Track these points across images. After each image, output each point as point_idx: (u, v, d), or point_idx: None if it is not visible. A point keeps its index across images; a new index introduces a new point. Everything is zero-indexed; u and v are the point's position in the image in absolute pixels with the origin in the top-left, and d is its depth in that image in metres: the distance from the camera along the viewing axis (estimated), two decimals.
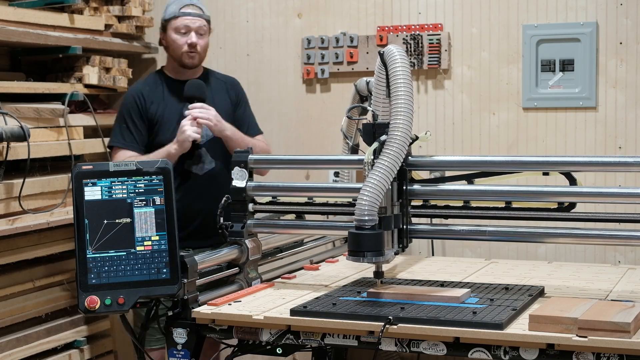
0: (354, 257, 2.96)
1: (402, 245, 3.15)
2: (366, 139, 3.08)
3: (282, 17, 4.60)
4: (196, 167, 3.86)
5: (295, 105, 4.56)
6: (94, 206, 2.89)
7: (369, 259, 2.95)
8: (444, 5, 4.30)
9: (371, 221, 2.92)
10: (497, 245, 4.18)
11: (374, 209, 2.92)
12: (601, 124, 4.06)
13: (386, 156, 2.95)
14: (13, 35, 3.90)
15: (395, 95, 3.00)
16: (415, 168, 3.21)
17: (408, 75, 3.01)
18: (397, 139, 2.96)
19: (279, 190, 3.50)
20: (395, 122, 2.98)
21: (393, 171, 2.96)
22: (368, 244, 2.93)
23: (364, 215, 2.91)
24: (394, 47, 3.06)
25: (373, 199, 2.91)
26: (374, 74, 3.16)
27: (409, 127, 2.98)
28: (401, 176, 3.11)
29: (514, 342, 2.66)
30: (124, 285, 2.87)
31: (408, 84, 3.00)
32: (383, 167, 2.94)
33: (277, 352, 2.99)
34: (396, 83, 3.00)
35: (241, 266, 3.35)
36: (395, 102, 3.00)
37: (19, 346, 3.81)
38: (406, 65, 3.02)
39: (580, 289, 3.27)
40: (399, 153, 2.96)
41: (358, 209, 2.92)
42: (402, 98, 2.98)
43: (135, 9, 4.57)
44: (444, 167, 3.37)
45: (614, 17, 4.02)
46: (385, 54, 3.06)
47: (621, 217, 3.12)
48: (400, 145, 2.96)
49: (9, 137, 3.59)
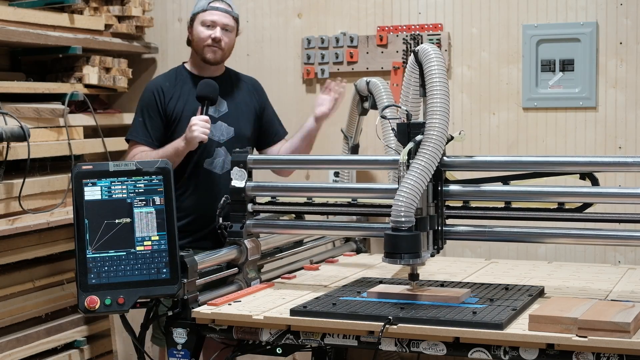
0: (391, 259, 2.91)
1: (437, 246, 3.10)
2: (401, 139, 3.04)
3: (282, 17, 4.60)
4: (215, 166, 3.84)
5: (295, 105, 4.56)
6: (94, 206, 2.89)
7: (406, 260, 2.91)
8: (444, 5, 4.30)
9: (408, 222, 2.87)
10: (497, 245, 4.18)
11: (411, 210, 2.87)
12: (601, 124, 4.06)
13: (423, 156, 2.91)
14: (13, 35, 3.90)
15: (431, 94, 2.96)
16: (451, 168, 3.16)
17: (444, 74, 2.97)
18: (434, 138, 2.92)
19: (278, 190, 3.50)
20: (432, 122, 2.94)
21: (430, 171, 2.91)
22: (405, 245, 2.89)
23: (400, 217, 2.87)
24: (429, 45, 3.02)
25: (410, 200, 2.86)
26: (405, 73, 3.13)
27: (445, 127, 2.94)
28: (436, 177, 3.05)
29: (514, 342, 2.66)
30: (124, 285, 2.87)
31: (444, 83, 2.96)
32: (420, 167, 2.89)
33: (277, 352, 2.99)
34: (432, 82, 2.96)
35: (240, 266, 3.34)
36: (431, 101, 2.95)
37: (19, 346, 3.81)
38: (442, 64, 2.98)
39: (580, 289, 3.27)
40: (436, 153, 2.92)
41: (394, 210, 2.87)
42: (439, 97, 2.94)
43: (135, 9, 4.57)
44: (481, 167, 3.24)
45: (614, 17, 4.02)
46: (420, 53, 3.02)
47: (621, 217, 3.12)
48: (436, 145, 2.92)
49: (9, 137, 3.59)
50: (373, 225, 3.65)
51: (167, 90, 3.85)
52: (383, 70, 4.35)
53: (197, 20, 3.86)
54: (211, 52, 3.84)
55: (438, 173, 3.06)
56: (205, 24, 3.84)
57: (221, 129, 3.84)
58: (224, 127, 3.84)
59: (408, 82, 3.10)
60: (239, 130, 3.87)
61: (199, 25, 3.85)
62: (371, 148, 4.39)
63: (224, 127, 3.85)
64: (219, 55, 3.86)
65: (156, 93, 3.84)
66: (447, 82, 2.99)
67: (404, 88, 3.13)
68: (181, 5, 4.80)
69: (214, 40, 3.82)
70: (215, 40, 3.82)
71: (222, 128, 3.84)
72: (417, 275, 3.08)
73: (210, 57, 3.85)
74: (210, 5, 3.85)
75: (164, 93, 3.84)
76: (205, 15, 3.84)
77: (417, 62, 3.05)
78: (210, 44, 3.82)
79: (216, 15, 3.84)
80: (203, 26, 3.84)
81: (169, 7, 4.83)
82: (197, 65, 3.92)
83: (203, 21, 3.84)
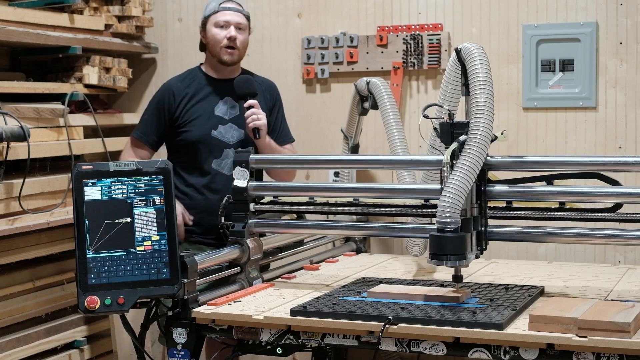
0: (437, 260, 2.88)
1: (480, 247, 3.07)
2: (444, 139, 3.02)
3: (282, 17, 4.60)
4: (224, 167, 3.85)
5: (295, 105, 4.56)
6: (94, 206, 2.90)
7: (453, 262, 2.88)
8: (444, 5, 4.30)
9: (454, 224, 2.84)
10: (497, 245, 4.17)
11: (457, 211, 2.84)
12: (601, 124, 4.06)
13: (468, 156, 2.88)
14: (13, 35, 3.90)
15: (475, 93, 2.94)
16: (496, 168, 3.12)
17: (488, 74, 2.96)
18: (479, 138, 2.90)
19: (279, 190, 3.51)
20: (476, 121, 2.92)
21: (475, 172, 2.89)
22: (451, 247, 2.86)
23: (446, 218, 2.84)
24: (472, 44, 3.01)
25: (455, 200, 2.83)
26: (446, 71, 3.13)
27: (490, 126, 2.92)
28: (480, 177, 3.03)
29: (514, 342, 2.66)
30: (124, 285, 2.87)
31: (489, 83, 2.94)
32: (465, 167, 2.87)
33: (277, 352, 2.99)
34: (476, 81, 2.94)
35: (242, 266, 3.35)
36: (475, 101, 2.94)
37: (19, 346, 3.81)
38: (486, 64, 2.97)
39: (580, 289, 3.27)
40: (481, 153, 2.89)
41: (440, 211, 2.85)
42: (483, 96, 2.93)
43: (135, 9, 4.57)
44: (525, 167, 3.17)
45: (614, 17, 4.02)
46: (463, 52, 3.01)
47: (621, 217, 3.12)
48: (481, 145, 2.89)
49: (9, 137, 3.59)
50: (373, 225, 3.66)
51: (179, 91, 3.89)
52: (383, 70, 4.35)
53: (209, 22, 3.88)
54: (227, 54, 3.86)
55: (482, 173, 3.03)
56: (218, 24, 3.86)
57: (231, 130, 3.87)
58: (234, 129, 3.87)
59: (448, 80, 3.09)
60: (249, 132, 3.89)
61: (213, 27, 3.87)
62: (371, 148, 4.40)
63: (234, 129, 3.88)
64: (235, 56, 3.89)
65: (167, 94, 3.90)
66: (492, 82, 2.96)
67: (443, 86, 3.12)
68: (181, 5, 4.80)
69: (229, 39, 3.83)
70: (230, 40, 3.83)
71: (232, 130, 3.87)
72: (461, 277, 3.03)
73: (227, 59, 3.87)
74: (221, 6, 3.87)
75: (175, 95, 3.88)
76: (218, 16, 3.86)
77: (459, 60, 3.03)
78: (226, 44, 3.85)
79: (229, 15, 3.86)
80: (217, 27, 3.86)
81: (169, 7, 4.83)
82: (214, 67, 3.94)
83: (216, 22, 3.86)
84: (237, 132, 3.88)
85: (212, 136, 3.84)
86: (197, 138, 3.82)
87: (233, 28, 3.84)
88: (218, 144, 3.82)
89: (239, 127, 3.88)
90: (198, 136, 3.82)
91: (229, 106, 3.89)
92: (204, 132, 3.83)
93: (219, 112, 3.87)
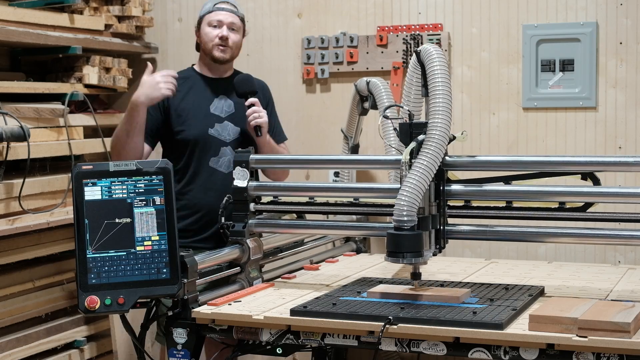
0: (393, 258, 2.92)
1: (439, 246, 3.11)
2: (403, 139, 3.05)
3: (282, 17, 4.60)
4: (221, 165, 3.86)
5: (295, 105, 4.56)
6: (94, 206, 2.89)
7: (409, 260, 2.92)
8: (444, 5, 4.30)
9: (410, 222, 2.88)
10: (497, 245, 4.18)
11: (414, 210, 2.88)
12: (601, 124, 4.06)
13: (425, 156, 2.92)
14: (13, 35, 3.90)
15: (433, 94, 2.97)
16: (453, 168, 3.16)
17: (447, 75, 2.98)
18: (436, 138, 2.93)
19: (280, 190, 3.51)
20: (434, 122, 2.95)
21: (432, 171, 2.92)
22: (407, 244, 2.89)
23: (402, 216, 2.87)
24: (431, 46, 3.04)
25: (412, 199, 2.87)
26: (407, 73, 3.14)
27: (447, 127, 2.95)
28: (438, 176, 3.06)
29: (514, 342, 2.66)
30: (124, 285, 2.87)
31: (447, 83, 2.97)
32: (422, 167, 2.90)
33: (277, 352, 2.99)
34: (434, 82, 2.97)
35: (242, 266, 3.35)
36: (433, 101, 2.97)
37: (19, 346, 3.81)
38: (444, 65, 2.99)
39: (580, 289, 3.27)
40: (438, 153, 2.93)
41: (397, 209, 2.88)
42: (441, 97, 2.95)
43: (135, 9, 4.57)
44: (483, 167, 3.23)
45: (614, 17, 4.02)
46: (423, 53, 3.03)
47: (621, 217, 3.12)
48: (439, 145, 2.93)
49: (9, 137, 3.59)
50: (373, 225, 3.66)
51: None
52: (383, 70, 4.36)
53: (204, 22, 3.91)
54: (219, 50, 3.88)
55: (440, 173, 3.06)
56: (211, 24, 3.88)
57: (227, 128, 3.87)
58: (231, 127, 3.87)
59: (410, 82, 3.11)
60: (245, 130, 3.89)
61: (206, 26, 3.89)
62: (371, 148, 4.40)
63: (231, 126, 3.87)
64: (227, 54, 3.89)
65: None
66: (450, 82, 3.00)
67: (406, 88, 3.13)
68: (181, 5, 4.80)
69: (221, 38, 3.85)
70: (222, 39, 3.86)
71: (228, 127, 3.87)
72: (420, 274, 3.09)
73: (218, 56, 3.88)
74: (215, 6, 3.90)
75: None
76: (212, 16, 3.89)
77: (419, 62, 3.06)
78: (218, 42, 3.87)
79: (222, 15, 3.88)
80: (210, 26, 3.89)
81: (169, 7, 4.83)
82: (207, 65, 3.96)
83: (210, 22, 3.89)
84: (233, 129, 3.88)
85: (209, 134, 3.84)
86: (194, 137, 3.83)
87: (225, 28, 3.87)
88: (215, 142, 3.83)
89: (235, 124, 3.89)
90: (195, 135, 3.83)
91: (224, 104, 3.90)
92: (201, 131, 3.83)
93: (214, 110, 3.88)
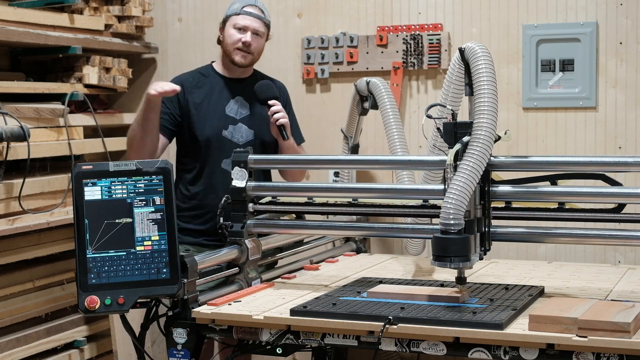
0: (440, 262, 2.85)
1: (484, 248, 3.04)
2: (447, 139, 2.99)
3: (282, 17, 4.60)
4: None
5: (295, 105, 4.54)
6: (94, 206, 2.90)
7: (456, 264, 2.85)
8: (444, 5, 4.30)
9: (457, 225, 2.81)
10: (497, 245, 4.16)
11: (460, 213, 2.81)
12: (601, 124, 4.06)
13: (471, 157, 2.85)
14: (13, 35, 3.90)
15: (478, 93, 2.91)
16: (499, 169, 3.09)
17: (492, 73, 2.93)
18: (482, 139, 2.87)
19: (279, 190, 3.51)
20: (480, 121, 2.89)
21: (479, 173, 2.85)
22: (455, 248, 2.83)
23: (449, 219, 2.80)
24: (476, 44, 2.99)
25: (459, 202, 2.80)
26: (448, 71, 3.11)
27: (493, 127, 2.89)
28: (483, 177, 2.98)
29: (514, 342, 2.66)
30: (124, 285, 2.87)
31: (492, 82, 2.92)
32: (468, 168, 2.83)
33: (277, 352, 2.99)
34: (480, 81, 2.92)
35: (241, 266, 3.35)
36: (478, 100, 2.91)
37: (19, 346, 3.81)
38: (490, 63, 2.95)
39: (580, 289, 3.27)
40: (484, 154, 2.86)
41: (444, 213, 2.81)
42: (487, 96, 2.90)
43: (135, 9, 4.57)
44: (528, 167, 3.13)
45: (614, 17, 4.02)
46: (467, 51, 2.99)
47: (621, 217, 3.12)
48: (485, 146, 2.86)
49: (9, 137, 3.59)
50: (373, 225, 3.65)
51: (189, 84, 3.91)
52: (383, 70, 4.35)
53: (229, 22, 3.91)
54: (240, 55, 3.88)
55: (485, 174, 2.99)
56: (237, 27, 3.88)
57: (241, 130, 3.88)
58: (244, 129, 3.88)
59: (450, 80, 3.08)
60: (259, 133, 3.90)
61: (231, 28, 3.89)
62: (371, 148, 4.40)
63: (244, 129, 3.88)
64: (248, 60, 3.90)
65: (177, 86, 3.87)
66: (495, 82, 2.94)
67: (445, 86, 3.10)
68: (181, 5, 4.80)
69: (244, 44, 3.86)
70: (245, 45, 3.86)
71: (242, 130, 3.88)
72: (465, 278, 3.02)
73: (238, 61, 3.89)
74: (243, 9, 3.89)
75: (184, 87, 3.87)
76: (238, 19, 3.88)
77: (462, 60, 3.02)
78: (240, 47, 3.87)
79: (248, 20, 3.88)
80: (235, 29, 3.88)
81: (169, 7, 4.83)
82: (226, 65, 3.96)
83: (235, 24, 3.88)
84: (246, 132, 3.89)
85: (222, 136, 3.85)
86: (208, 137, 3.84)
87: (250, 33, 3.87)
88: (228, 144, 3.83)
89: (249, 127, 3.90)
90: (209, 135, 3.84)
91: (239, 106, 3.91)
92: (215, 132, 3.84)
93: (230, 111, 3.89)
